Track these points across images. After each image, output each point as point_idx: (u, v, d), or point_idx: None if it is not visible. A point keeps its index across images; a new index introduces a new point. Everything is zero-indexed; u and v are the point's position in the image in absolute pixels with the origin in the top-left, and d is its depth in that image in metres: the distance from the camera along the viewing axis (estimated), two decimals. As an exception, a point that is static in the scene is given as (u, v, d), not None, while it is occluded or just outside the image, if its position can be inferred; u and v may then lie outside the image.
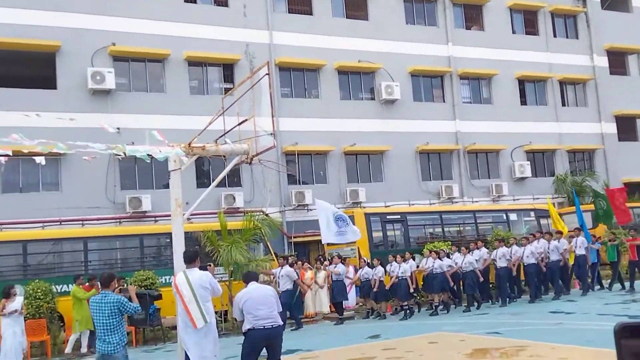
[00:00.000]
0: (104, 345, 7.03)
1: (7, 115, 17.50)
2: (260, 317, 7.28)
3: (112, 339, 7.03)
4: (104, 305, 7.05)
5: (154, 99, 21.84)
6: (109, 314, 7.04)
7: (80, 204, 19.60)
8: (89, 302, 7.43)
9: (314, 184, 24.20)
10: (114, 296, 7.17)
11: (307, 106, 24.33)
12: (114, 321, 7.05)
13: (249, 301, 7.39)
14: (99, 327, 7.08)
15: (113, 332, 7.05)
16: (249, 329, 7.26)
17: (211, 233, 16.01)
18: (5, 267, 15.25)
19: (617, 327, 0.58)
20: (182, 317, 7.38)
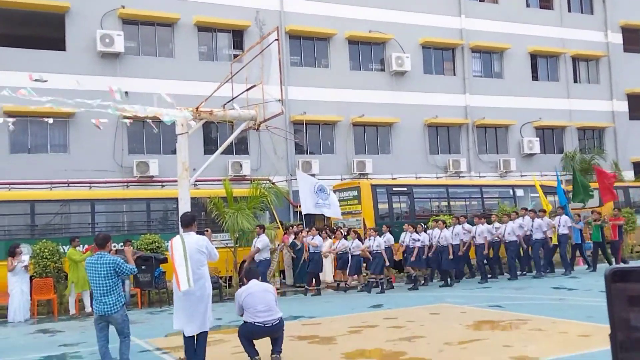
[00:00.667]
0: (101, 306, 7.09)
1: (16, 75, 17.46)
2: (259, 314, 7.39)
3: (109, 300, 7.09)
4: (99, 267, 7.10)
5: (163, 63, 21.74)
6: (105, 275, 7.09)
7: (87, 166, 19.68)
8: (85, 264, 7.49)
9: (321, 154, 24.17)
10: (109, 257, 7.22)
11: (317, 75, 24.16)
12: (110, 282, 7.10)
13: (248, 297, 7.52)
14: (96, 288, 7.14)
15: (109, 293, 7.11)
16: (246, 321, 7.40)
17: (217, 199, 16.08)
18: (14, 227, 15.40)
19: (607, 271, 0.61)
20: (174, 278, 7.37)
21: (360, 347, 8.44)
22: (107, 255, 7.23)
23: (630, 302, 0.61)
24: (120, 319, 7.18)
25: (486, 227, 16.49)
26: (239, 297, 7.58)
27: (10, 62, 18.78)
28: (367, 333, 9.47)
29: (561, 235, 16.99)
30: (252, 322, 7.38)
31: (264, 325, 7.39)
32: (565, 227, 16.97)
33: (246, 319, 7.44)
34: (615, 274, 0.62)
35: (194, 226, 7.60)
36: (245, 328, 7.50)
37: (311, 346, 8.68)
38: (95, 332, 7.38)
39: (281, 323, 7.65)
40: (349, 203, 18.97)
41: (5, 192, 16.60)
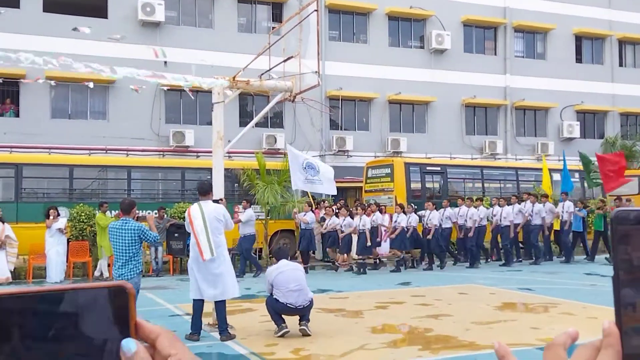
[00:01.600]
0: (120, 271, 7.09)
1: (58, 41, 17.76)
2: (291, 293, 7.38)
3: (128, 265, 7.09)
4: (124, 232, 7.08)
5: (202, 34, 21.82)
6: (130, 241, 7.08)
7: (125, 134, 19.99)
8: (108, 229, 7.45)
9: (355, 130, 24.07)
10: (134, 223, 7.17)
11: (354, 51, 23.95)
12: (133, 248, 7.10)
13: (279, 275, 7.50)
14: (118, 253, 7.13)
15: (131, 259, 7.11)
16: (278, 300, 7.34)
17: (250, 171, 16.21)
18: (53, 190, 15.80)
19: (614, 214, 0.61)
20: (193, 246, 7.46)
21: (387, 322, 8.48)
22: (132, 222, 7.18)
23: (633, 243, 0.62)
24: (135, 285, 7.09)
25: (477, 211, 16.04)
26: (269, 276, 7.59)
27: (54, 27, 19.06)
28: (393, 309, 9.51)
29: (563, 222, 16.51)
30: (284, 303, 7.35)
31: (295, 307, 7.41)
32: (567, 213, 16.44)
33: (277, 297, 7.40)
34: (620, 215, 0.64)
35: (211, 195, 7.75)
36: (275, 304, 7.46)
37: (338, 319, 8.75)
38: None
39: (311, 304, 7.65)
40: (382, 180, 18.90)
41: (46, 155, 17.00)
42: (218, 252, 7.37)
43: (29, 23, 19.21)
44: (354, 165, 22.37)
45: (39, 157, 16.46)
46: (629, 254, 0.60)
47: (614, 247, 0.63)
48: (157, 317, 8.88)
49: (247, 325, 8.23)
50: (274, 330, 7.54)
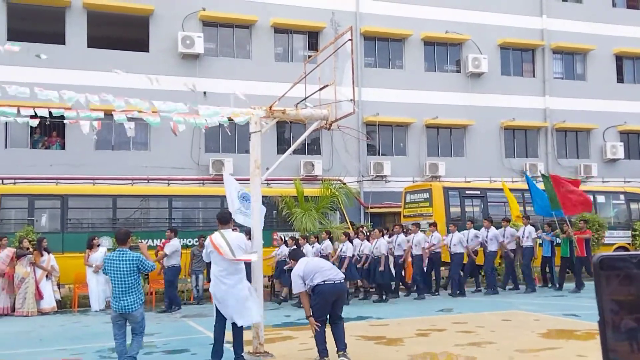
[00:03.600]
0: (121, 304, 6.91)
1: (101, 75, 18.31)
2: (327, 272, 7.54)
3: (130, 298, 6.93)
4: (121, 263, 6.95)
5: (240, 64, 22.24)
6: (127, 271, 6.93)
7: (166, 163, 20.39)
8: (104, 260, 7.30)
9: (393, 155, 24.02)
10: (131, 253, 7.04)
11: (390, 77, 24.04)
12: (132, 279, 6.96)
13: (308, 265, 7.68)
14: (116, 285, 6.95)
15: (131, 290, 6.95)
16: (318, 283, 7.41)
17: (289, 198, 16.31)
18: (97, 219, 16.19)
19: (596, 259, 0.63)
20: (219, 274, 7.48)
21: (428, 350, 8.34)
22: (129, 252, 7.07)
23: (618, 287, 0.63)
24: (139, 316, 7.07)
25: (420, 237, 15.15)
26: (297, 273, 7.60)
27: (98, 62, 19.70)
28: (435, 336, 9.36)
29: (525, 249, 15.54)
30: (323, 282, 7.40)
31: (334, 283, 7.46)
32: (530, 239, 15.55)
33: (316, 280, 7.41)
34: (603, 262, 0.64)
35: (231, 224, 7.93)
36: (318, 298, 7.43)
37: (378, 347, 8.66)
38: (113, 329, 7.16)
39: (345, 285, 7.86)
40: (420, 205, 18.76)
41: (90, 186, 17.44)
42: (239, 278, 7.50)
43: (74, 59, 19.91)
44: (392, 190, 22.30)
45: (83, 188, 16.90)
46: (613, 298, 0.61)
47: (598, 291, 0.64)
48: (197, 346, 8.94)
49: (286, 354, 8.21)
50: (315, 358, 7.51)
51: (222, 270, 7.46)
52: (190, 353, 8.51)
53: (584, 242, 15.25)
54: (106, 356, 8.32)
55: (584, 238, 15.30)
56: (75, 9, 20.53)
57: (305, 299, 7.65)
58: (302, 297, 7.80)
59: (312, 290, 7.50)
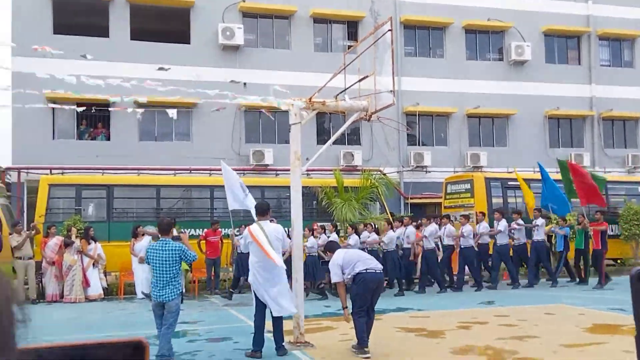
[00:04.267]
0: (161, 293, 6.98)
1: (145, 67, 18.62)
2: (368, 261, 7.64)
3: (170, 287, 6.99)
4: (164, 253, 7.01)
5: (280, 55, 22.30)
6: (171, 262, 6.99)
7: (208, 154, 20.64)
8: (147, 250, 7.37)
9: (433, 145, 23.80)
10: (174, 244, 7.09)
11: (431, 66, 23.77)
12: (174, 269, 7.02)
13: (347, 255, 7.78)
14: (159, 275, 7.02)
15: (172, 280, 7.01)
16: (360, 271, 7.45)
17: (328, 189, 16.34)
18: (141, 209, 16.53)
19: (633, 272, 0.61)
20: (256, 265, 7.58)
21: (469, 343, 8.27)
22: (171, 242, 7.13)
23: None
24: (175, 307, 7.10)
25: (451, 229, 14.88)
26: (336, 262, 7.64)
27: (140, 54, 20.04)
28: (476, 329, 9.27)
29: (536, 242, 15.01)
30: (366, 270, 7.44)
31: (375, 272, 7.53)
32: (541, 231, 14.97)
33: (358, 268, 7.45)
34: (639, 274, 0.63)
35: (269, 215, 7.93)
36: (359, 287, 7.47)
37: (419, 339, 8.63)
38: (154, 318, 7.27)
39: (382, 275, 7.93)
40: (461, 196, 18.56)
41: (135, 176, 17.81)
42: (278, 270, 7.58)
43: (118, 51, 20.28)
44: (432, 180, 22.11)
45: (128, 179, 17.26)
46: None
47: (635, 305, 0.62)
48: (239, 334, 9.07)
49: (327, 344, 8.26)
50: (353, 346, 7.55)
51: (259, 261, 7.56)
52: (233, 341, 8.64)
53: (600, 234, 14.71)
54: (152, 343, 8.51)
55: (600, 230, 14.73)
56: (118, 2, 20.91)
57: (342, 289, 7.71)
58: (339, 288, 7.85)
59: (353, 279, 7.53)
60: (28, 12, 20.07)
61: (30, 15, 20.00)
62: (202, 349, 8.17)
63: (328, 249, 8.31)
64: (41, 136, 19.70)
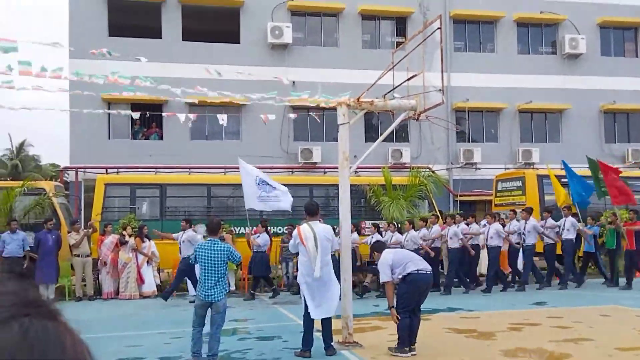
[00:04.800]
0: (209, 292, 7.02)
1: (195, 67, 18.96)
2: (419, 262, 7.68)
3: (218, 287, 7.06)
4: (213, 253, 7.08)
5: (328, 53, 22.35)
6: (219, 262, 7.06)
7: (257, 152, 20.87)
8: (196, 249, 7.39)
9: (483, 142, 23.42)
10: (222, 244, 7.19)
11: (481, 61, 23.38)
12: (222, 269, 7.11)
13: (397, 254, 7.85)
14: (207, 274, 7.07)
15: (221, 280, 7.09)
16: (411, 272, 7.48)
17: (377, 187, 16.29)
18: (192, 207, 16.85)
19: None
20: (305, 265, 7.62)
21: (521, 345, 8.13)
22: (220, 242, 7.22)
23: None
24: (223, 307, 7.18)
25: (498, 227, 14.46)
26: (386, 262, 7.65)
27: (192, 55, 20.42)
28: (528, 331, 9.10)
29: (565, 241, 14.45)
30: (417, 271, 7.48)
31: (426, 273, 7.59)
32: (571, 230, 14.39)
33: (409, 269, 7.50)
34: None
35: (319, 215, 7.96)
36: (408, 287, 7.52)
37: (469, 340, 8.53)
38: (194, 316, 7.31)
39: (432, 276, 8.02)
40: (513, 194, 18.21)
41: (186, 175, 18.17)
42: (326, 270, 7.64)
43: (170, 52, 20.73)
44: (482, 178, 21.77)
45: (180, 177, 17.63)
46: None
47: None
48: (288, 333, 9.17)
49: (375, 344, 8.26)
50: (390, 348, 7.59)
51: (306, 261, 7.61)
52: (282, 340, 8.74)
53: (634, 234, 13.98)
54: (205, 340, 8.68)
55: (635, 230, 13.99)
56: (170, 3, 21.35)
57: (390, 289, 7.71)
58: (387, 287, 7.85)
59: (403, 278, 7.55)
60: (84, 15, 20.71)
61: (86, 19, 20.64)
62: (252, 347, 8.29)
63: (376, 249, 8.30)
64: (97, 136, 20.33)
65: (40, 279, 13.18)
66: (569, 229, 14.51)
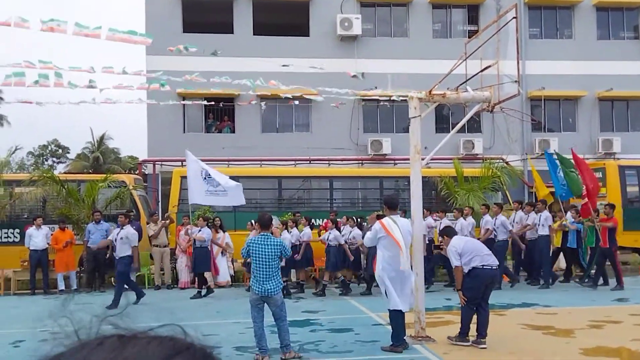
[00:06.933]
0: (264, 287, 7.05)
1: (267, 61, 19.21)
2: (487, 257, 7.70)
3: (273, 281, 7.09)
4: (266, 247, 7.11)
5: (398, 43, 22.13)
6: (272, 256, 7.10)
7: (327, 144, 21.00)
8: (248, 243, 7.37)
9: (560, 131, 22.62)
10: (275, 239, 7.28)
11: (558, 47, 22.53)
12: (275, 264, 7.13)
13: (468, 243, 8.00)
14: (260, 269, 7.09)
15: (274, 274, 7.12)
16: (475, 266, 7.59)
17: (448, 179, 16.05)
18: (264, 199, 17.16)
19: None
20: (389, 259, 7.54)
21: (601, 344, 7.85)
22: (272, 237, 7.28)
23: None
24: (280, 300, 7.22)
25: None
26: (455, 250, 7.75)
27: (263, 49, 20.69)
28: (609, 329, 8.78)
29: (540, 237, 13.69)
30: (481, 266, 7.61)
31: (491, 268, 7.71)
32: (546, 226, 13.60)
33: (474, 263, 7.63)
34: None
35: (398, 208, 7.96)
36: (473, 281, 7.63)
37: (546, 337, 8.31)
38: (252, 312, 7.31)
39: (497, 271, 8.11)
40: (592, 186, 17.48)
41: (258, 168, 18.50)
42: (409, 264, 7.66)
43: (242, 46, 21.06)
44: (559, 169, 21.00)
45: (252, 170, 17.96)
46: None
47: None
48: (360, 326, 9.21)
49: (444, 339, 8.18)
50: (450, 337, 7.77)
51: (393, 256, 7.53)
52: (354, 332, 8.79)
53: (608, 231, 13.11)
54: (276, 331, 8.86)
55: (608, 227, 13.11)
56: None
57: (459, 273, 7.74)
58: (456, 271, 7.88)
59: (468, 273, 7.64)
60: (160, 12, 21.35)
61: (161, 16, 21.27)
62: (325, 339, 8.38)
63: (445, 234, 8.30)
64: (173, 130, 20.97)
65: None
66: (543, 224, 13.83)
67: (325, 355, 7.54)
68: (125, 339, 0.62)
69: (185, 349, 0.63)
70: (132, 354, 0.60)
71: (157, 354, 0.60)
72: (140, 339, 0.62)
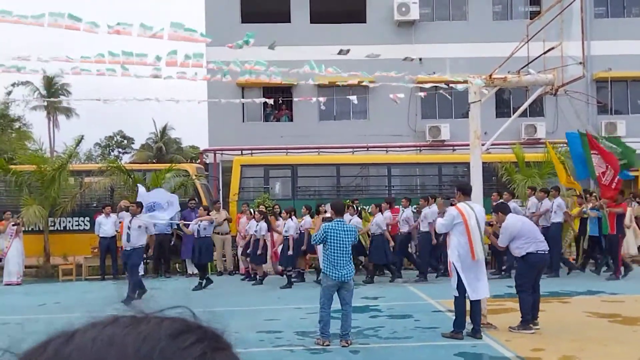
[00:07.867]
0: (341, 272, 7.13)
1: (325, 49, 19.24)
2: (541, 244, 7.73)
3: (349, 266, 7.23)
4: (344, 233, 7.20)
5: (456, 27, 21.74)
6: (349, 241, 7.23)
7: (384, 131, 20.91)
8: (325, 228, 7.36)
9: (628, 114, 21.76)
10: (349, 225, 7.42)
11: (626, 26, 21.61)
12: (349, 249, 7.26)
13: (525, 225, 7.99)
14: (339, 254, 7.13)
15: (349, 259, 7.25)
16: (529, 252, 7.64)
17: (509, 164, 15.76)
18: (322, 187, 17.30)
19: None
20: (465, 245, 7.41)
21: (672, 333, 7.60)
22: (346, 223, 7.39)
23: None
24: (352, 285, 7.36)
25: None
26: (511, 228, 7.80)
27: (320, 37, 20.74)
28: (680, 318, 8.47)
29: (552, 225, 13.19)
30: (536, 252, 7.69)
31: (545, 253, 7.81)
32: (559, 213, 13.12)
33: (529, 249, 7.69)
34: None
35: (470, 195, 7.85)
36: (526, 266, 7.76)
37: (611, 325, 8.11)
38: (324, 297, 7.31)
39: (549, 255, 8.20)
40: (663, 170, 16.78)
41: (316, 156, 18.64)
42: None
43: (299, 35, 21.16)
44: (627, 153, 20.24)
45: (310, 158, 18.12)
46: None
47: None
48: (420, 312, 9.22)
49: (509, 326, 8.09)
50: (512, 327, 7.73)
51: (466, 242, 7.44)
52: (414, 319, 8.79)
53: (616, 218, 12.41)
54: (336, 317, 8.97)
55: (616, 212, 12.41)
56: (298, -12, 21.79)
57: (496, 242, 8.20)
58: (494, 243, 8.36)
59: (522, 257, 7.75)
60: (219, 3, 21.69)
61: (220, 7, 21.60)
62: (384, 325, 8.43)
63: (500, 210, 8.22)
64: (233, 120, 21.33)
65: (186, 255, 14.18)
66: (556, 211, 13.35)
67: (385, 340, 7.59)
68: (138, 318, 0.67)
69: (197, 327, 0.68)
70: (145, 329, 0.65)
71: (170, 331, 0.65)
72: (153, 317, 0.68)
